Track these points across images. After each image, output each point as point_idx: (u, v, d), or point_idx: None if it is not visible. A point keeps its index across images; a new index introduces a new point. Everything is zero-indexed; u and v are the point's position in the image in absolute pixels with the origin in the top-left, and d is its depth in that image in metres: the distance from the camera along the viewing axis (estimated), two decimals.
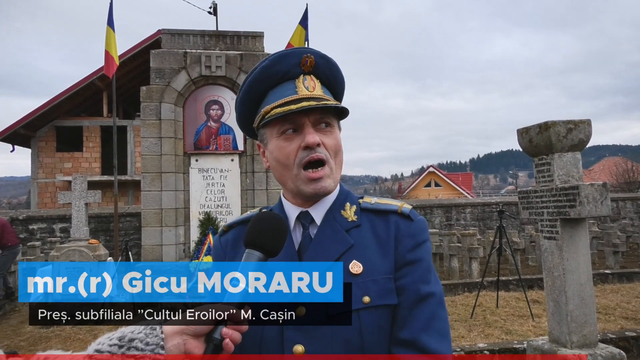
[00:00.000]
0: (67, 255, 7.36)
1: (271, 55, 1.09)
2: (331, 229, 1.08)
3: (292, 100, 1.04)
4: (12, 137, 19.35)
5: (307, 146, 1.04)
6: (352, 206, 1.13)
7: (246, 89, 1.10)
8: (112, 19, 10.40)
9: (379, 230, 1.08)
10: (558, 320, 3.92)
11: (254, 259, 0.91)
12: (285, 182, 1.10)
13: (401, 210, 1.11)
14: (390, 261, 1.04)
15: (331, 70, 1.13)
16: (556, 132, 3.86)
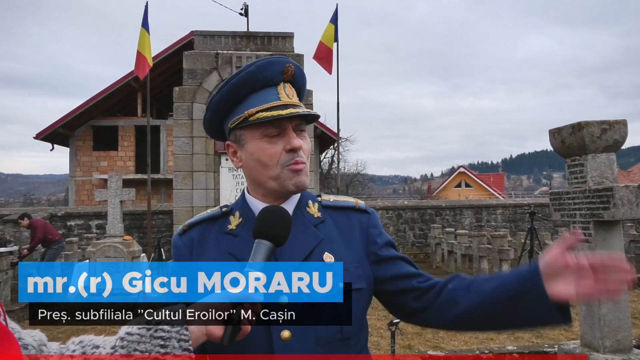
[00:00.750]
0: (102, 251, 7.62)
1: (257, 61, 1.15)
2: (302, 225, 1.16)
3: (279, 106, 1.10)
4: (51, 136, 20.08)
5: (292, 149, 1.12)
6: (314, 203, 1.22)
7: (229, 89, 1.15)
8: (147, 21, 10.68)
9: (341, 225, 1.20)
10: (590, 324, 3.83)
11: (264, 248, 0.96)
12: (265, 182, 1.15)
13: (358, 206, 1.24)
14: (356, 251, 1.17)
15: (303, 81, 1.22)
16: (590, 133, 3.77)
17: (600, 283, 0.96)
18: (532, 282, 1.01)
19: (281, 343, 1.04)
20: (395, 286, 1.16)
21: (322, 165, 28.30)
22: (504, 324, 1.09)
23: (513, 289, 1.04)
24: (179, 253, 1.20)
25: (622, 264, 0.96)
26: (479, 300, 1.08)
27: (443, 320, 1.13)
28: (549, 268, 1.00)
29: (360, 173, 35.22)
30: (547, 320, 1.03)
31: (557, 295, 0.99)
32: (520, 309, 1.03)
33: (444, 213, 15.46)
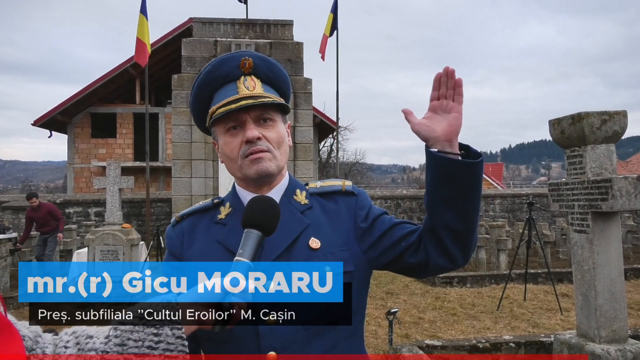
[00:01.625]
0: (101, 238, 7.63)
1: (213, 60, 1.20)
2: (288, 212, 1.18)
3: (233, 100, 1.14)
4: (49, 123, 20.00)
5: (248, 140, 1.14)
6: (302, 191, 1.25)
7: (195, 91, 1.22)
8: (145, 7, 10.59)
9: (329, 210, 1.23)
10: (587, 314, 3.86)
11: (253, 237, 0.97)
12: (235, 173, 1.21)
13: (345, 189, 1.26)
14: (343, 234, 1.19)
15: (271, 70, 1.23)
16: (589, 124, 3.76)
17: (449, 96, 1.10)
18: (428, 157, 1.10)
19: (267, 328, 1.05)
20: (388, 257, 1.19)
21: (321, 154, 28.27)
22: (458, 201, 1.11)
23: (430, 176, 1.11)
24: (172, 244, 1.24)
25: (443, 70, 1.10)
26: (433, 214, 1.12)
27: (445, 253, 1.14)
28: (425, 136, 1.10)
29: (359, 162, 35.22)
30: (458, 167, 1.07)
31: (441, 135, 1.08)
32: (444, 181, 1.08)
33: None
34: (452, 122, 1.09)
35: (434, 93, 1.11)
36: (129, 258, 7.62)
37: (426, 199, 1.14)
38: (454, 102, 1.10)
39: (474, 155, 1.11)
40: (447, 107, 1.10)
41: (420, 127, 1.10)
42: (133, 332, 0.79)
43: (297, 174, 10.36)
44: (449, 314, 6.59)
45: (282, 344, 1.06)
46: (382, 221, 1.22)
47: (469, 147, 1.13)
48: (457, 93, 1.09)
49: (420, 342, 4.66)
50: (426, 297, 7.54)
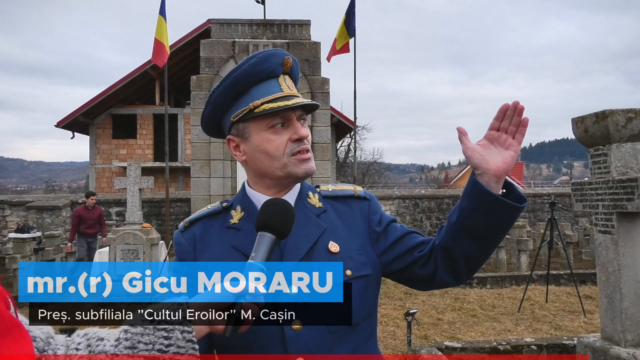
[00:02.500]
0: (122, 238, 7.74)
1: (258, 53, 1.16)
2: (304, 215, 1.17)
3: (283, 97, 1.12)
4: (72, 124, 20.39)
5: (299, 138, 1.14)
6: (314, 194, 1.24)
7: (231, 83, 1.15)
8: (165, 9, 10.70)
9: (343, 214, 1.22)
10: (611, 317, 3.77)
11: (266, 240, 0.96)
12: (272, 172, 1.16)
13: (357, 194, 1.26)
14: (359, 238, 1.19)
15: (298, 73, 1.25)
16: (614, 122, 3.67)
17: (510, 132, 1.08)
18: (473, 186, 1.09)
19: (293, 333, 1.05)
20: (400, 264, 1.19)
21: (338, 154, 28.23)
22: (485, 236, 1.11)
23: (468, 204, 1.10)
24: (182, 250, 1.20)
25: (512, 104, 1.08)
26: (456, 239, 1.12)
27: (453, 273, 1.16)
28: (476, 164, 1.09)
29: (376, 162, 35.07)
30: (501, 207, 1.07)
31: (492, 169, 1.07)
32: (481, 215, 1.08)
33: None
34: (508, 160, 1.07)
35: (495, 122, 1.09)
36: (149, 257, 7.72)
37: (454, 222, 1.12)
38: (514, 139, 1.08)
39: (515, 197, 1.10)
40: (506, 144, 1.08)
41: (474, 153, 1.08)
42: (144, 334, 0.79)
43: (314, 174, 10.36)
44: (468, 315, 6.51)
45: (309, 348, 1.06)
46: (395, 228, 1.23)
47: (512, 186, 1.12)
48: (520, 132, 1.08)
49: (439, 343, 4.61)
50: (445, 298, 7.46)
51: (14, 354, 0.68)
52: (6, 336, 0.68)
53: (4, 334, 0.68)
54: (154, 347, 0.78)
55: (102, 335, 0.81)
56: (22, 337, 0.71)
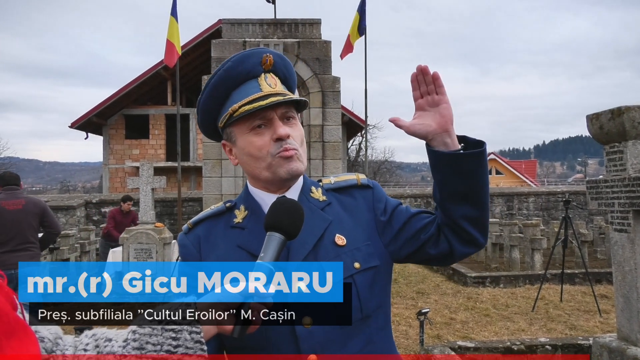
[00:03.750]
0: (135, 237, 7.80)
1: (233, 56, 1.15)
2: (309, 210, 1.15)
3: (259, 97, 1.10)
4: (86, 125, 20.64)
5: (279, 138, 1.11)
6: (317, 188, 1.23)
7: (210, 90, 1.15)
8: (176, 9, 10.77)
9: (347, 205, 1.21)
10: (628, 317, 3.71)
11: (275, 241, 0.95)
12: (259, 174, 1.15)
13: (360, 183, 1.25)
14: (365, 229, 1.18)
15: (287, 69, 1.21)
16: (630, 118, 3.61)
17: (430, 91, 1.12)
18: (432, 157, 1.12)
19: (305, 331, 1.04)
20: (409, 249, 1.18)
21: (349, 153, 28.18)
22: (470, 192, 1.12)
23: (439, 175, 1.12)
24: (187, 252, 1.19)
25: (416, 69, 1.12)
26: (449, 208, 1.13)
27: (467, 241, 1.16)
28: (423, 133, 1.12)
29: (387, 160, 34.96)
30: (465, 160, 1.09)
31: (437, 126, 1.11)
32: (454, 177, 1.10)
33: None
34: (444, 112, 1.10)
35: (416, 93, 1.13)
36: (162, 256, 7.78)
37: (437, 196, 1.15)
38: (437, 94, 1.11)
39: (474, 144, 1.12)
40: (434, 101, 1.11)
41: (414, 127, 1.12)
42: (152, 335, 0.79)
43: (325, 173, 10.36)
44: (481, 315, 6.46)
45: (321, 345, 1.05)
46: (400, 212, 1.21)
47: (466, 137, 1.14)
48: (438, 85, 1.11)
49: (452, 343, 4.57)
50: (458, 297, 7.40)
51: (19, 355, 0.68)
52: (12, 337, 0.68)
53: (10, 335, 0.68)
54: (162, 348, 0.78)
55: (110, 335, 0.81)
56: (28, 338, 0.71)
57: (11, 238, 4.43)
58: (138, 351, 0.77)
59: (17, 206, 4.52)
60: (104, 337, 0.81)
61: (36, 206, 4.66)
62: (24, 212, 4.53)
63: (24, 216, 4.52)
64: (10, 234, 4.43)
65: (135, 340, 0.78)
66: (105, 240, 8.77)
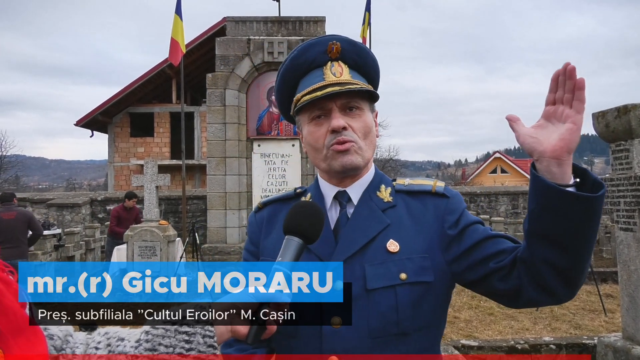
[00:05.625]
0: (140, 235, 7.82)
1: (299, 45, 1.14)
2: (368, 209, 1.12)
3: (319, 87, 1.08)
4: (91, 123, 20.73)
5: (333, 130, 1.08)
6: (387, 188, 1.17)
7: (280, 79, 1.16)
8: (180, 8, 10.77)
9: (414, 211, 1.12)
10: (633, 316, 3.68)
11: (294, 244, 0.93)
12: (319, 164, 1.15)
13: (435, 190, 1.14)
14: (427, 240, 1.07)
15: (359, 55, 1.15)
16: (637, 116, 3.58)
17: (566, 101, 0.89)
18: (534, 181, 0.91)
19: (331, 330, 1.01)
20: (473, 275, 1.05)
21: None
22: (566, 239, 0.92)
23: (534, 204, 0.93)
24: (252, 230, 1.23)
25: (562, 67, 0.89)
26: (532, 245, 0.96)
27: (542, 288, 0.97)
28: (529, 148, 0.92)
29: (392, 159, 34.89)
30: (571, 201, 0.88)
31: (548, 150, 0.89)
32: (551, 215, 0.90)
33: (478, 200, 15.15)
34: (565, 136, 0.88)
35: (550, 95, 0.91)
36: (166, 254, 7.79)
37: (527, 229, 0.96)
38: (571, 108, 0.89)
39: (592, 184, 0.91)
40: (562, 116, 0.89)
41: (524, 138, 0.92)
42: (164, 337, 0.78)
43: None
44: (485, 314, 6.43)
45: (345, 348, 1.01)
46: (474, 230, 1.07)
47: (586, 172, 0.93)
48: (577, 98, 0.88)
49: (455, 342, 4.56)
50: (462, 296, 7.38)
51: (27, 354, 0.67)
52: (19, 336, 0.68)
53: (18, 333, 0.68)
54: (175, 350, 0.78)
55: (122, 335, 0.80)
56: (36, 336, 0.71)
57: (7, 239, 6.19)
58: (150, 352, 0.77)
59: (10, 216, 6.33)
60: (117, 336, 0.80)
61: (25, 216, 6.52)
62: (16, 220, 6.34)
63: (16, 223, 6.32)
64: (6, 236, 6.20)
65: (148, 341, 0.78)
66: (111, 238, 8.79)
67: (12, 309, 0.67)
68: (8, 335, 0.66)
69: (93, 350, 0.78)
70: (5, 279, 0.69)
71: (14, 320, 0.68)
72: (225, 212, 10.33)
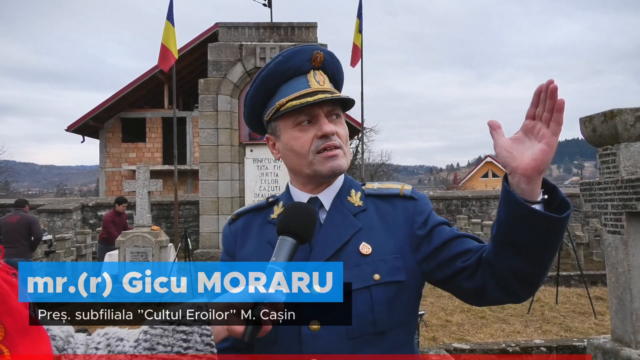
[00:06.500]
0: (131, 240, 7.80)
1: (284, 51, 1.16)
2: (340, 214, 1.14)
3: (307, 93, 1.10)
4: (82, 128, 20.60)
5: (324, 135, 1.10)
6: (357, 192, 1.20)
7: (259, 83, 1.16)
8: (172, 14, 10.76)
9: (384, 213, 1.16)
10: (622, 318, 3.73)
11: (287, 244, 0.95)
12: (301, 170, 1.15)
13: (403, 193, 1.18)
14: (397, 241, 1.11)
15: (336, 66, 1.20)
16: (623, 121, 3.64)
17: (544, 120, 0.90)
18: (505, 193, 0.95)
19: (310, 334, 1.03)
20: (442, 274, 1.10)
21: None
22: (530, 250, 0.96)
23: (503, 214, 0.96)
24: (227, 242, 1.23)
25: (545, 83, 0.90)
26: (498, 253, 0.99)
27: (504, 289, 1.02)
28: (503, 162, 0.94)
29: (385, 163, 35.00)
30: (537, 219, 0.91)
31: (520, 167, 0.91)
32: (519, 228, 0.94)
33: (470, 204, 15.24)
34: (537, 156, 0.90)
35: (531, 110, 0.93)
36: (158, 259, 7.77)
37: (495, 235, 0.99)
38: (548, 129, 0.90)
39: (559, 203, 0.94)
40: (539, 134, 0.91)
41: (501, 150, 0.94)
42: (163, 336, 0.80)
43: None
44: (477, 317, 6.48)
45: (325, 349, 1.03)
46: (442, 231, 1.12)
47: (556, 189, 0.95)
48: (554, 119, 0.89)
49: (447, 345, 4.59)
50: (454, 300, 7.42)
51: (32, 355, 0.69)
52: (25, 336, 0.69)
53: (23, 333, 0.69)
54: (173, 349, 0.79)
55: (122, 335, 0.82)
56: (41, 336, 0.72)
57: (7, 240, 6.97)
58: (149, 351, 0.78)
59: (14, 220, 7.15)
60: (116, 336, 0.82)
61: (27, 220, 7.26)
62: (17, 223, 7.12)
63: (17, 227, 7.10)
64: (7, 238, 7.02)
65: (147, 341, 0.79)
66: (104, 245, 8.74)
67: (18, 310, 0.69)
68: (14, 335, 0.67)
69: (93, 350, 0.79)
70: (10, 281, 0.70)
71: (19, 320, 0.69)
72: (218, 217, 10.32)
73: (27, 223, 7.17)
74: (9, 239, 6.97)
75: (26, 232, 7.13)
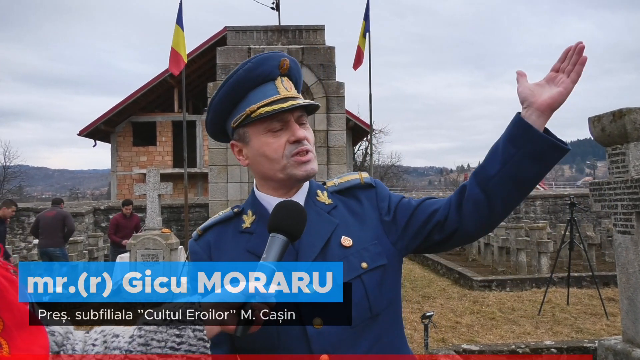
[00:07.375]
0: (142, 243, 7.87)
1: (253, 57, 1.17)
2: (315, 213, 1.17)
3: (279, 100, 1.12)
4: (94, 133, 20.84)
5: (297, 140, 1.13)
6: (322, 192, 1.24)
7: (227, 90, 1.15)
8: (182, 18, 10.87)
9: (352, 207, 1.22)
10: (633, 319, 3.70)
11: (278, 242, 0.96)
12: (273, 175, 1.16)
13: (364, 182, 1.26)
14: (372, 229, 1.19)
15: (299, 73, 1.24)
16: (632, 120, 3.62)
17: (567, 71, 1.07)
18: (524, 130, 1.06)
19: (316, 331, 1.05)
20: (416, 241, 1.20)
21: (355, 158, 28.20)
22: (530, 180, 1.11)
23: (516, 150, 1.07)
24: (197, 258, 1.20)
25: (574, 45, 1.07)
26: (496, 188, 1.10)
27: (482, 225, 1.15)
28: (523, 97, 1.08)
29: (394, 165, 34.92)
30: (554, 151, 1.06)
31: (536, 102, 1.06)
32: (531, 161, 1.07)
33: None
34: (554, 96, 1.06)
35: (557, 64, 1.09)
36: (169, 262, 7.83)
37: (496, 172, 1.10)
38: (567, 77, 1.07)
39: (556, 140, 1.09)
40: (558, 81, 1.08)
41: (524, 89, 1.09)
42: (157, 332, 0.82)
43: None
44: (487, 319, 6.44)
45: (333, 344, 1.06)
46: (402, 208, 1.21)
47: (549, 131, 1.10)
48: (576, 70, 1.06)
49: (456, 346, 4.58)
50: (464, 301, 7.39)
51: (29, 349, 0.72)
52: (22, 329, 0.72)
53: (22, 328, 0.72)
54: (167, 345, 0.81)
55: (117, 332, 0.84)
56: (39, 331, 0.75)
57: (44, 231, 8.02)
58: (143, 347, 0.81)
59: (50, 214, 8.16)
60: (112, 333, 0.84)
61: (62, 215, 8.22)
62: (55, 218, 8.09)
63: (54, 220, 8.06)
64: (44, 230, 8.03)
65: (141, 337, 0.82)
66: (115, 247, 8.83)
67: (17, 305, 0.72)
68: (13, 328, 0.70)
69: (90, 346, 0.82)
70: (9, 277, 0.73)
71: (18, 315, 0.72)
72: None
73: (62, 217, 8.14)
74: (47, 231, 8.00)
75: (61, 225, 8.09)
